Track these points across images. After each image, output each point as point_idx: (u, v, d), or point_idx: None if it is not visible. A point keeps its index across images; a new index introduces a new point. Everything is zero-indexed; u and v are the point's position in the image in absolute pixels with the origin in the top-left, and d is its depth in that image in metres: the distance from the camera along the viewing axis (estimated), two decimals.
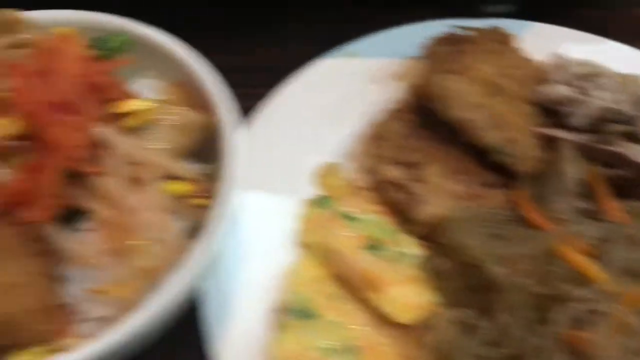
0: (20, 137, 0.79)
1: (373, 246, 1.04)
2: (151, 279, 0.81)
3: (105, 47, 0.95)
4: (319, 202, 1.12)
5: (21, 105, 0.76)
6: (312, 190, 1.16)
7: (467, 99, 1.11)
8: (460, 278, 0.99)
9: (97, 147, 0.80)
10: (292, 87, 1.24)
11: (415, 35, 1.30)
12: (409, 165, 1.12)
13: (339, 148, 1.21)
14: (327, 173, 1.17)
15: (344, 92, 1.27)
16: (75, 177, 0.79)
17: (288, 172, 1.15)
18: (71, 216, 0.80)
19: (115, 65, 0.86)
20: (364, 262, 1.00)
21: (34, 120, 0.76)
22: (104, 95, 0.83)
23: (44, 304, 0.76)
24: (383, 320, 0.99)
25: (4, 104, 0.79)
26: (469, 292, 0.98)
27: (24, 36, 0.95)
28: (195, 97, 0.99)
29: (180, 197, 0.88)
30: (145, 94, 0.96)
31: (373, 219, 1.07)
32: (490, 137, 1.09)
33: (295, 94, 1.23)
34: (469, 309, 0.94)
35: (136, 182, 0.83)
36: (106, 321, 0.83)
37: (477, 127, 1.10)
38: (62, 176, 0.76)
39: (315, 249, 1.05)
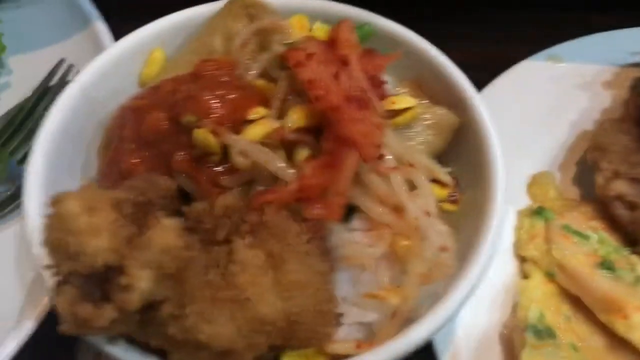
0: (306, 130, 0.76)
1: (607, 266, 0.97)
2: (422, 286, 0.77)
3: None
4: (536, 214, 1.06)
5: (324, 98, 0.71)
6: (524, 200, 1.10)
7: None
8: None
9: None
10: (497, 89, 1.18)
11: (627, 41, 1.23)
12: (637, 180, 1.05)
13: (549, 157, 1.15)
14: (539, 182, 1.11)
15: (551, 97, 1.20)
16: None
17: None
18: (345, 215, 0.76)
19: (390, 60, 0.81)
20: (604, 284, 0.94)
21: (334, 115, 0.72)
22: (381, 92, 0.79)
23: (322, 305, 0.73)
24: (620, 344, 0.93)
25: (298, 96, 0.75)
26: None
27: (268, 22, 0.92)
28: (437, 94, 0.94)
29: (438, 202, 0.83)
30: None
31: (602, 236, 1.01)
32: None
33: (502, 97, 1.17)
34: None
35: (409, 184, 0.78)
36: (366, 326, 0.79)
37: None
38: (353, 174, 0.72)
39: (542, 263, 0.99)
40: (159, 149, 0.83)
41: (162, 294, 0.63)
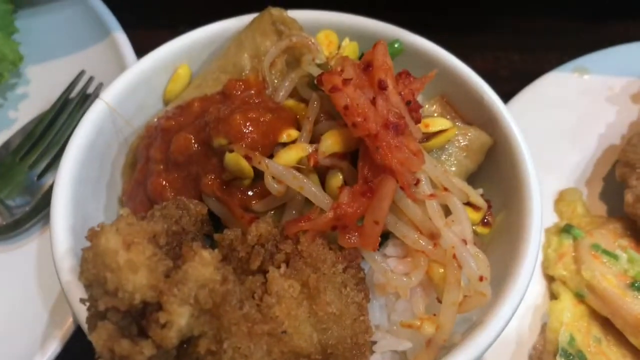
0: (340, 155, 0.74)
1: (638, 287, 0.96)
2: (457, 314, 0.75)
3: None
4: (564, 232, 1.05)
5: (362, 125, 0.70)
6: (551, 217, 1.08)
7: None
8: None
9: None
10: (523, 102, 1.17)
11: None
12: None
13: (576, 172, 1.13)
14: (567, 199, 1.10)
15: (578, 110, 1.18)
16: None
17: None
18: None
19: (426, 82, 0.80)
20: (635, 306, 0.93)
21: (372, 142, 0.70)
22: (418, 116, 0.77)
23: (357, 337, 0.71)
24: None
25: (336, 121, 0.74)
26: None
27: (297, 40, 0.90)
28: (467, 111, 0.93)
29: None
30: None
31: (631, 255, 1.00)
32: None
33: (527, 110, 1.16)
34: None
35: (444, 208, 0.77)
36: (400, 355, 0.78)
37: None
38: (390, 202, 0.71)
39: (572, 283, 0.98)
40: (188, 171, 0.81)
41: (199, 330, 0.62)
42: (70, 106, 1.11)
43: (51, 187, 0.84)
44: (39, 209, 1.03)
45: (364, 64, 0.76)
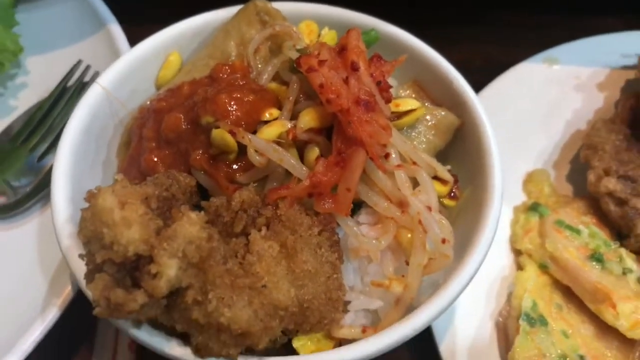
0: (317, 131, 0.81)
1: (597, 259, 1.03)
2: (423, 276, 0.82)
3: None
4: (531, 209, 1.12)
5: (335, 101, 0.77)
6: (520, 197, 1.16)
7: None
8: None
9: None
10: (496, 90, 1.24)
11: (620, 44, 1.28)
12: (628, 178, 1.11)
13: (544, 155, 1.21)
14: (535, 180, 1.17)
15: (547, 98, 1.26)
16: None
17: None
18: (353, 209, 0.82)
19: (396, 66, 0.87)
20: (594, 275, 1.00)
21: (344, 117, 0.77)
22: (388, 95, 0.84)
23: (331, 293, 0.79)
24: (608, 332, 0.99)
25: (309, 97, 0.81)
26: None
27: (280, 28, 0.98)
28: (438, 95, 1.00)
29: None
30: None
31: (593, 230, 1.07)
32: None
33: (500, 98, 1.23)
34: None
35: (413, 181, 0.84)
36: (372, 313, 0.85)
37: None
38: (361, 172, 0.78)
39: (536, 256, 1.05)
40: (178, 147, 0.88)
41: (187, 281, 0.69)
42: (68, 93, 1.18)
43: (51, 168, 0.90)
44: (40, 189, 1.10)
45: (339, 48, 0.83)
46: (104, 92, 0.97)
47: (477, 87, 1.13)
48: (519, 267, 1.06)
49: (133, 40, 1.22)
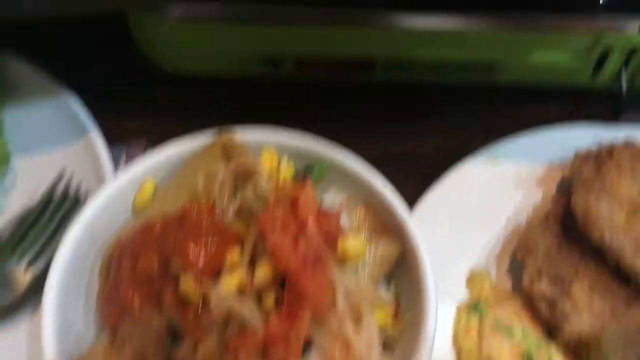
0: (273, 280, 0.94)
1: (527, 358, 1.17)
2: None
3: (315, 178, 1.09)
4: (472, 309, 1.26)
5: (281, 260, 0.90)
6: (464, 293, 1.29)
7: (610, 221, 1.23)
8: None
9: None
10: (441, 190, 1.36)
11: (558, 140, 1.41)
12: (557, 279, 1.24)
13: (487, 251, 1.34)
14: (476, 278, 1.30)
15: (490, 196, 1.38)
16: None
17: (441, 276, 1.27)
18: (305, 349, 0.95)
19: (339, 216, 1.00)
20: None
21: (292, 277, 0.90)
22: (335, 244, 0.97)
23: None
24: None
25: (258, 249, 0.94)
26: None
27: (242, 164, 1.10)
28: (380, 221, 1.13)
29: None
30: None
31: (526, 330, 1.21)
32: (636, 263, 1.20)
33: (444, 197, 1.35)
34: None
35: (357, 317, 0.97)
36: None
37: (621, 251, 1.21)
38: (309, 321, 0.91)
39: (467, 355, 1.19)
40: (152, 286, 1.01)
41: None
42: (53, 204, 1.29)
43: (34, 279, 1.06)
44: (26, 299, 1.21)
45: (291, 201, 0.96)
46: (87, 224, 1.09)
47: (429, 180, 1.30)
48: None
49: (113, 135, 1.36)
